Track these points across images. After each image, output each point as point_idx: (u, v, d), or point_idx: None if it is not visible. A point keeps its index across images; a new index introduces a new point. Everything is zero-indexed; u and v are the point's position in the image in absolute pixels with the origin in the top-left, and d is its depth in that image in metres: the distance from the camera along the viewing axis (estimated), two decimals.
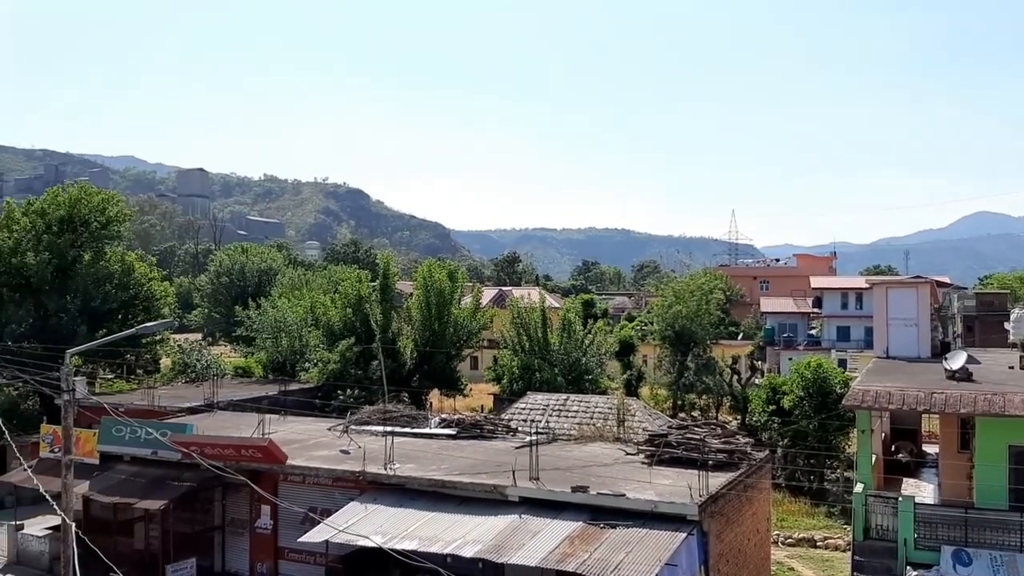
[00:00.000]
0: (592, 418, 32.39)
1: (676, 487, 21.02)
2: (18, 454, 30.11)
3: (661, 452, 24.26)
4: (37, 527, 29.69)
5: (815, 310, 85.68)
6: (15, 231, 44.00)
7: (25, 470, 28.12)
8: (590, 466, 23.81)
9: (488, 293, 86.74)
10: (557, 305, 74.82)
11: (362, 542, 20.16)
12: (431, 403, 50.13)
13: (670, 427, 27.57)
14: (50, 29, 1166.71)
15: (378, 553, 20.57)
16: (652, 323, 66.97)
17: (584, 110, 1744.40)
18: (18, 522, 29.83)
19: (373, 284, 49.82)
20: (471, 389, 53.41)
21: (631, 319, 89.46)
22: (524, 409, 34.92)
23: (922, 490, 25.02)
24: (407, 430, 29.54)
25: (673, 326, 57.65)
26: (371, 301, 47.36)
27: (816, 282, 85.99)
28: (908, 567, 19.89)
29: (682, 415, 50.28)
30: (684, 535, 19.16)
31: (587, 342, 49.08)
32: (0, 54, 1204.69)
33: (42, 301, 43.96)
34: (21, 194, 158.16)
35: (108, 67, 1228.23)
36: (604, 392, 45.84)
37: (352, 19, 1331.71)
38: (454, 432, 29.34)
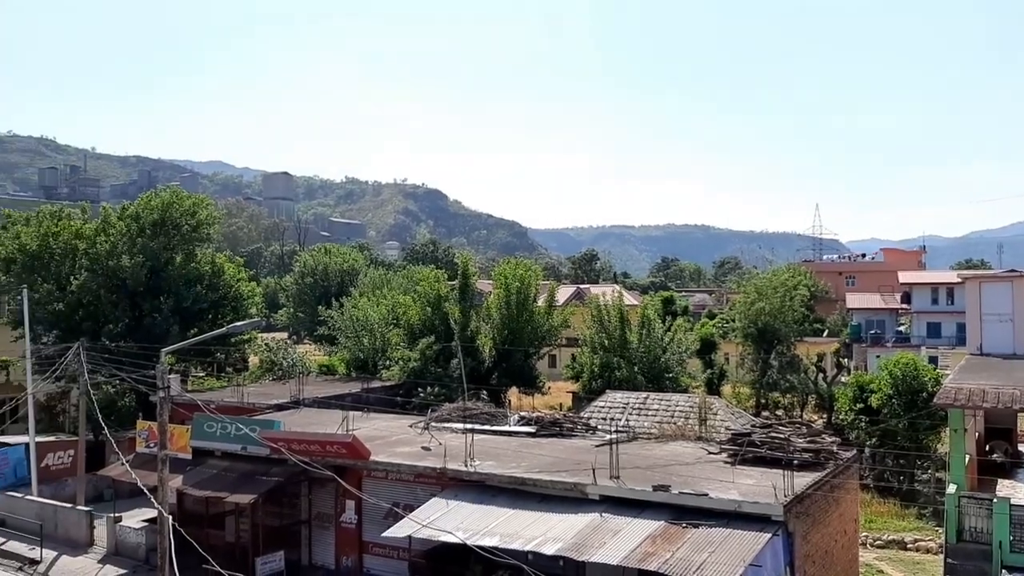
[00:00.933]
0: (673, 416, 32.13)
1: (760, 487, 20.68)
2: (116, 449, 31.57)
3: (744, 451, 23.90)
4: (134, 519, 30.74)
5: (904, 306, 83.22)
6: (111, 235, 45.77)
7: (123, 465, 29.28)
8: (671, 465, 23.62)
9: (566, 291, 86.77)
10: (636, 303, 74.37)
11: (445, 537, 20.36)
12: (510, 401, 50.39)
13: (753, 426, 27.16)
14: (142, 40, 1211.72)
15: (460, 549, 20.85)
16: (734, 320, 66.13)
17: (663, 105, 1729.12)
18: (117, 514, 30.96)
19: (452, 283, 50.37)
20: (550, 387, 53.46)
21: (712, 316, 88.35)
22: (603, 407, 34.82)
23: (1018, 491, 24.07)
24: (487, 427, 29.76)
25: (756, 323, 56.89)
26: (450, 300, 47.91)
27: (904, 277, 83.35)
28: (1003, 570, 19.24)
29: (766, 414, 49.57)
30: (769, 536, 18.85)
31: (667, 340, 48.56)
32: (96, 65, 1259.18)
33: (137, 302, 45.60)
34: (116, 199, 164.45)
35: (197, 75, 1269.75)
36: (685, 390, 45.34)
37: (428, 23, 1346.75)
38: (533, 430, 29.40)
